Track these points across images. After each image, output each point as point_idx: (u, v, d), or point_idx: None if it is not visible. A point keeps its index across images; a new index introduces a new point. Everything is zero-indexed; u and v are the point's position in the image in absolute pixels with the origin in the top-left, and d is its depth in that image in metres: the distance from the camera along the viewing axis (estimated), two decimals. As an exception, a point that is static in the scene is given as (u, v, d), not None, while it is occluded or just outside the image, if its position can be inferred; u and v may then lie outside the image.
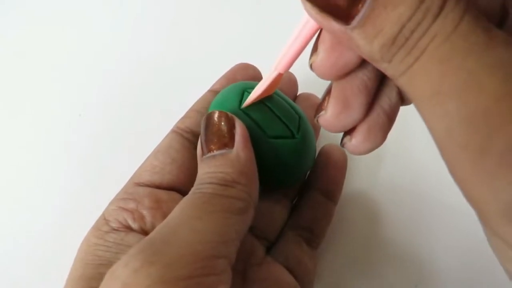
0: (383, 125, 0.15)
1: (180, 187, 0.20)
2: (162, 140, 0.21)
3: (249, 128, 0.19)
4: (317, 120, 0.16)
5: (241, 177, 0.17)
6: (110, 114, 0.29)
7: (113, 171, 0.26)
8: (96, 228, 0.19)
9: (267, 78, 0.18)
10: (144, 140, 0.27)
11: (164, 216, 0.18)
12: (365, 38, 0.12)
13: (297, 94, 0.26)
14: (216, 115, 0.18)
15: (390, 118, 0.16)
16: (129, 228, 0.18)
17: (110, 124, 0.29)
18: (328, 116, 0.15)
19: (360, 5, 0.11)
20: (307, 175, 0.24)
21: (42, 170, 0.27)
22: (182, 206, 0.16)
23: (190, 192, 0.17)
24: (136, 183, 0.20)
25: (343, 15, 0.12)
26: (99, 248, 0.18)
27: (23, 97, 0.30)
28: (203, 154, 0.18)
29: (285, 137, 0.21)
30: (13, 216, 0.26)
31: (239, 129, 0.18)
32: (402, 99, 0.16)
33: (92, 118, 0.29)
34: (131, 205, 0.19)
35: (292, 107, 0.22)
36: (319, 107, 0.16)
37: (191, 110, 0.23)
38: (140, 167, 0.21)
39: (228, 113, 0.19)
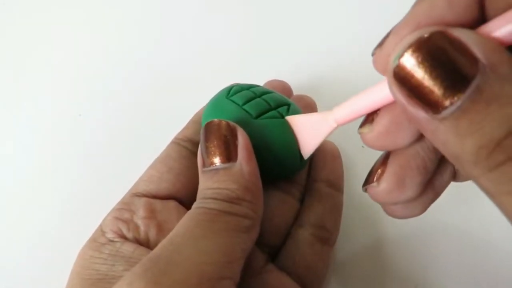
0: (428, 201, 0.15)
1: (177, 195, 0.20)
2: (162, 151, 0.21)
3: (235, 112, 0.19)
4: (366, 190, 0.15)
5: (246, 193, 0.17)
6: (110, 114, 0.29)
7: (113, 171, 0.27)
8: (92, 240, 0.19)
9: (324, 130, 0.16)
10: (144, 140, 0.27)
11: (158, 226, 0.18)
12: (456, 134, 0.10)
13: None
14: (217, 125, 0.17)
15: (437, 194, 0.15)
16: (124, 238, 0.18)
17: (110, 124, 0.29)
18: (380, 190, 0.14)
19: (457, 97, 0.10)
20: (308, 169, 0.23)
21: (41, 169, 0.27)
22: (187, 223, 0.16)
23: (194, 206, 0.17)
24: (133, 193, 0.20)
25: (434, 102, 0.10)
26: (96, 261, 0.17)
27: (23, 97, 0.30)
28: (204, 165, 0.17)
29: (273, 117, 0.20)
30: (12, 216, 0.26)
31: (242, 140, 0.17)
32: (454, 176, 0.15)
33: (92, 118, 0.29)
34: (126, 215, 0.19)
35: (283, 98, 0.22)
36: (370, 177, 0.15)
37: (190, 121, 0.22)
38: (139, 178, 0.21)
39: (230, 122, 0.18)
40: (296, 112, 0.21)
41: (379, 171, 0.14)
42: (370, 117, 0.14)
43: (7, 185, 0.27)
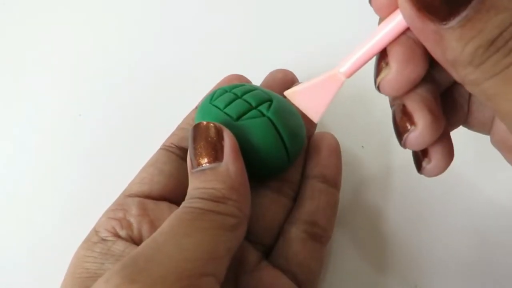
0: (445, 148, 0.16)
1: (169, 196, 0.20)
2: (151, 157, 0.21)
3: (217, 117, 0.19)
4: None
5: (232, 192, 0.17)
6: (110, 114, 0.29)
7: (113, 171, 0.26)
8: (86, 240, 0.19)
9: (333, 88, 0.16)
10: (144, 140, 0.27)
11: (151, 223, 0.18)
12: (460, 40, 0.11)
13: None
14: (203, 126, 0.18)
15: (450, 139, 0.16)
16: (117, 236, 0.18)
17: (110, 124, 0.29)
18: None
19: (463, 7, 0.11)
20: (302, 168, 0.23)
21: (41, 169, 0.27)
22: (172, 222, 0.16)
23: (181, 207, 0.17)
24: (126, 195, 0.20)
25: (442, 14, 0.11)
26: (87, 259, 0.18)
27: (23, 97, 0.30)
28: (192, 167, 0.18)
29: (253, 117, 0.20)
30: (12, 216, 0.26)
31: (228, 140, 0.18)
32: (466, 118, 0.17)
33: (92, 118, 0.29)
34: (120, 214, 0.19)
35: (265, 94, 0.22)
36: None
37: (177, 128, 0.23)
38: (131, 181, 0.21)
39: (216, 124, 0.18)
40: (280, 106, 0.21)
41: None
42: (381, 64, 0.14)
43: (7, 185, 0.27)
